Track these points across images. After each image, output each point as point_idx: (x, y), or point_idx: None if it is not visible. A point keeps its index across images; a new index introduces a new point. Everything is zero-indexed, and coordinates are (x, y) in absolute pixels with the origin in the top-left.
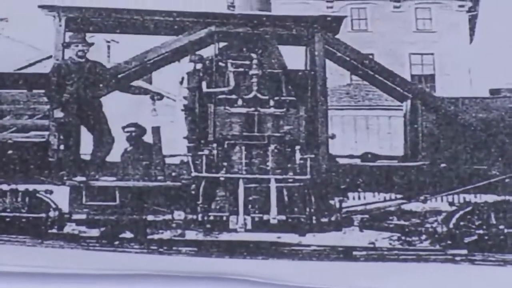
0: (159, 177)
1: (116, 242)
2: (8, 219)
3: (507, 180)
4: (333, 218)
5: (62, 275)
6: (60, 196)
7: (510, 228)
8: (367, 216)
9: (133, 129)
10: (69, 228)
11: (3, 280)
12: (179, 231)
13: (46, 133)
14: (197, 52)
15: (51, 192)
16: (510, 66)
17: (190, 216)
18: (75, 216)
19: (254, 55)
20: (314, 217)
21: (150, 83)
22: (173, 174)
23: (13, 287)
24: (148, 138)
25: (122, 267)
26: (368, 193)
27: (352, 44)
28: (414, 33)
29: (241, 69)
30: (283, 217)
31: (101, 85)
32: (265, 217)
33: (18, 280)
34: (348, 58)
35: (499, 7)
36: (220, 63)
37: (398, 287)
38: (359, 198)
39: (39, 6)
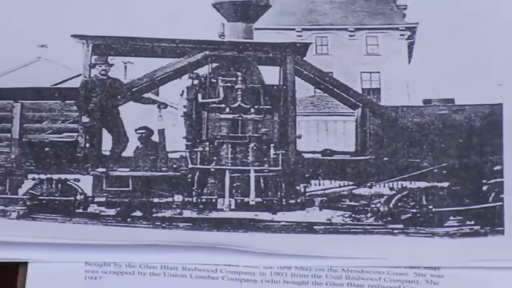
0: (163, 169)
1: (129, 219)
2: (44, 201)
3: (435, 170)
4: (298, 200)
5: (86, 245)
6: (85, 183)
7: (437, 208)
8: (325, 198)
9: (143, 131)
10: (92, 208)
11: (41, 249)
12: (178, 210)
13: (75, 134)
14: (195, 71)
15: (78, 180)
16: (439, 82)
17: (187, 199)
18: (96, 199)
19: (239, 73)
20: (284, 199)
21: (157, 95)
22: (174, 166)
23: (47, 255)
24: (155, 138)
25: (133, 239)
26: (327, 180)
27: (316, 64)
28: (365, 56)
29: (228, 84)
30: (260, 200)
31: (119, 97)
32: (246, 199)
33: (52, 249)
34: (312, 76)
35: (431, 36)
36: (212, 80)
37: (348, 253)
38: (319, 184)
39: (72, 35)
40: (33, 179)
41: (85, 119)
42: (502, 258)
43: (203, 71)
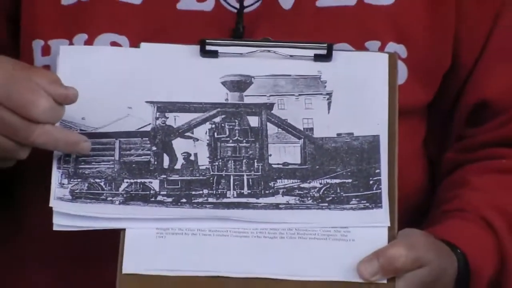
0: (196, 175)
1: (179, 204)
2: (133, 194)
3: (344, 173)
4: (271, 191)
5: (156, 219)
6: (155, 184)
7: (345, 194)
8: (285, 189)
9: (185, 154)
10: (159, 198)
11: (132, 221)
12: (205, 198)
13: (149, 156)
14: (212, 120)
15: (151, 182)
16: (345, 123)
17: (210, 191)
18: (161, 193)
19: (236, 121)
20: (262, 191)
21: (193, 133)
22: (202, 173)
23: (135, 225)
24: (192, 158)
25: (181, 215)
26: (285, 179)
27: (278, 115)
28: (304, 110)
29: (231, 127)
30: (249, 191)
31: (171, 135)
32: (241, 191)
33: (137, 222)
34: (276, 121)
35: (339, 97)
36: (222, 125)
37: (298, 220)
38: (282, 182)
39: (145, 101)
40: (127, 182)
41: (153, 148)
42: (380, 221)
43: (217, 120)
